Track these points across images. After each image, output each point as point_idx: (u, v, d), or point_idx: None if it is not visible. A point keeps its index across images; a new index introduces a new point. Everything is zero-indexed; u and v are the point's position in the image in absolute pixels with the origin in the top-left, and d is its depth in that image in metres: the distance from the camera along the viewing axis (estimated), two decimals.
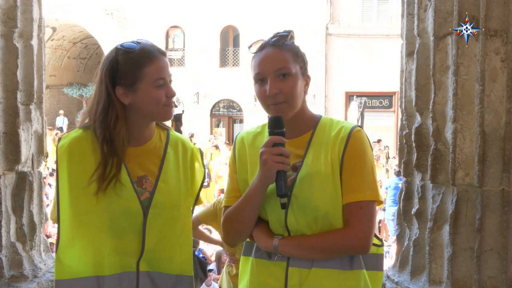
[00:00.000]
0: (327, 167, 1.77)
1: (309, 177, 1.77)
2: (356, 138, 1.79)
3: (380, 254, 1.88)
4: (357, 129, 1.82)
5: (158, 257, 1.91)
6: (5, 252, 2.68)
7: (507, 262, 2.47)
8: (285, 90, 1.77)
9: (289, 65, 1.79)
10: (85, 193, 1.85)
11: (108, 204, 1.85)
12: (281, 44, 1.81)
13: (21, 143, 2.71)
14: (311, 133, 1.84)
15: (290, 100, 1.78)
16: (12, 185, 2.75)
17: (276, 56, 1.79)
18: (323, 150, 1.80)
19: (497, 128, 2.45)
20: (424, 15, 2.63)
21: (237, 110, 22.00)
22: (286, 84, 1.78)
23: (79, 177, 1.86)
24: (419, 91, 2.65)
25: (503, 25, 2.43)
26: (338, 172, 1.77)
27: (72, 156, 1.87)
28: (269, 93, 1.77)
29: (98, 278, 1.85)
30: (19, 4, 2.72)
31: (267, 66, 1.79)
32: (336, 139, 1.80)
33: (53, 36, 23.58)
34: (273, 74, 1.78)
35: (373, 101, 20.80)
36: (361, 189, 1.75)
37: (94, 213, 1.85)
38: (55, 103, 24.84)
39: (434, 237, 2.60)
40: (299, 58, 1.84)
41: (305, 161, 1.80)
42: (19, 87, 2.72)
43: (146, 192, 1.90)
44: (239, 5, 20.76)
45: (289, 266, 1.78)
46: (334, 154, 1.78)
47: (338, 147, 1.78)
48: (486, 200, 2.47)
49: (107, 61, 1.90)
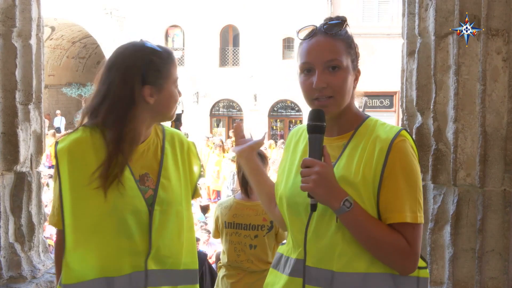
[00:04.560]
0: (357, 175, 1.59)
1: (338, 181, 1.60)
2: (400, 150, 1.58)
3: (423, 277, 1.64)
4: (401, 138, 1.60)
5: (165, 254, 1.90)
6: (4, 252, 2.67)
7: (508, 263, 2.45)
8: (334, 84, 1.61)
9: (341, 57, 1.62)
10: (90, 196, 1.82)
11: (115, 205, 1.82)
12: (334, 33, 1.64)
13: (20, 143, 2.70)
14: (351, 133, 1.67)
15: (338, 95, 1.62)
16: (10, 185, 2.74)
17: (328, 45, 1.62)
18: (358, 155, 1.62)
19: (498, 128, 2.44)
20: (425, 14, 2.62)
21: (237, 110, 21.98)
22: (336, 78, 1.61)
23: (82, 179, 1.82)
24: (420, 90, 2.64)
25: (504, 25, 2.41)
26: (372, 184, 1.57)
27: (72, 159, 1.84)
28: (316, 86, 1.60)
29: (107, 279, 1.83)
30: (17, 3, 2.70)
31: (316, 55, 1.62)
32: (374, 146, 1.61)
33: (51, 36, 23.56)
34: (322, 65, 1.61)
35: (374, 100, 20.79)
36: (413, 209, 1.56)
37: (101, 216, 1.82)
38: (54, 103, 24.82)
39: (435, 238, 2.59)
40: (352, 50, 1.68)
41: (337, 164, 1.64)
42: (17, 86, 2.71)
43: (150, 190, 1.89)
44: (239, 5, 20.75)
45: (305, 284, 1.64)
46: (370, 164, 1.59)
47: (376, 159, 1.58)
48: (487, 200, 2.45)
49: (133, 59, 1.85)
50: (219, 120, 22.62)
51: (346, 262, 1.59)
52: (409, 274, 1.59)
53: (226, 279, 3.68)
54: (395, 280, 1.60)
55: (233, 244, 3.59)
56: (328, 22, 1.66)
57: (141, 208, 1.86)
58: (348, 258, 1.59)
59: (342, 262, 1.59)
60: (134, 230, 1.85)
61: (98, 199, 1.81)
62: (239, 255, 3.58)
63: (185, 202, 1.97)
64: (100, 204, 1.81)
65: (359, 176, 1.59)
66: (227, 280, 3.67)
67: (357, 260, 1.59)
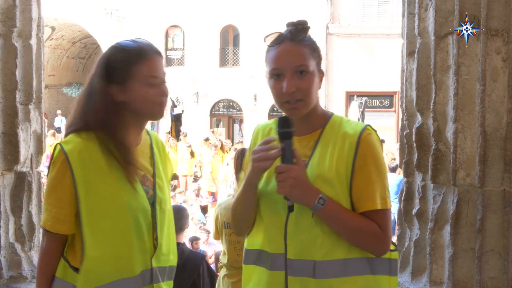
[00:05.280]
0: (331, 170, 1.72)
1: (312, 180, 1.72)
2: (368, 143, 1.72)
3: (394, 259, 1.82)
4: (367, 132, 1.74)
5: (164, 252, 1.94)
6: (4, 252, 2.67)
7: (508, 262, 2.46)
8: (303, 88, 1.71)
9: (307, 61, 1.73)
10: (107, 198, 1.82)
11: (130, 205, 1.84)
12: (300, 39, 1.74)
13: (20, 143, 2.70)
14: (319, 131, 1.79)
15: (307, 98, 1.73)
16: (11, 185, 2.74)
17: (295, 51, 1.73)
18: (329, 151, 1.74)
19: (498, 128, 2.44)
20: (425, 14, 2.62)
21: (237, 110, 21.98)
22: (304, 81, 1.72)
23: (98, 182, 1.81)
24: (420, 91, 2.64)
25: (504, 25, 2.42)
26: (345, 177, 1.71)
27: (84, 162, 1.80)
28: (286, 90, 1.71)
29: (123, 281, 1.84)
30: (18, 3, 2.71)
31: (285, 62, 1.72)
32: (343, 141, 1.73)
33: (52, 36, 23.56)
34: (291, 71, 1.71)
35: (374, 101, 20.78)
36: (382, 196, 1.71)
37: (119, 217, 1.83)
38: (54, 103, 24.81)
39: (435, 238, 2.59)
40: (316, 53, 1.78)
41: (311, 161, 1.76)
42: (18, 86, 2.71)
43: (150, 190, 1.93)
44: (239, 5, 20.75)
45: (288, 276, 1.73)
46: (342, 158, 1.71)
47: (347, 153, 1.71)
48: (487, 200, 2.46)
49: (102, 59, 1.89)
50: (219, 120, 22.61)
51: (326, 251, 1.72)
52: (382, 256, 1.75)
53: (227, 279, 3.68)
54: (371, 263, 1.75)
55: (233, 244, 3.59)
56: (293, 29, 1.75)
57: (147, 208, 1.89)
58: (328, 248, 1.72)
59: (323, 251, 1.72)
60: (144, 229, 1.88)
61: (115, 201, 1.83)
62: (239, 254, 3.58)
63: (169, 200, 2.04)
64: (118, 206, 1.83)
65: (333, 171, 1.71)
66: (228, 280, 3.68)
67: (337, 248, 1.72)
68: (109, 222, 1.82)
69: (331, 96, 20.83)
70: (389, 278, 1.79)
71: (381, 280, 1.77)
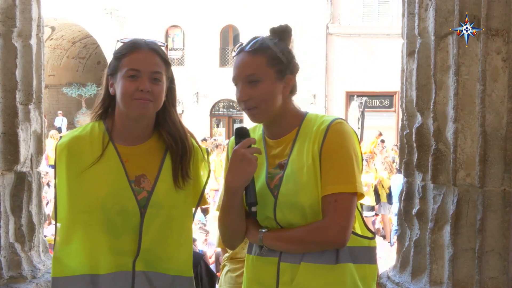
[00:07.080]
0: (308, 162, 1.78)
1: (294, 175, 1.79)
2: (335, 130, 1.78)
3: (372, 247, 1.88)
4: (337, 122, 1.81)
5: (155, 257, 1.89)
6: (4, 252, 2.67)
7: (508, 263, 2.46)
8: (255, 96, 1.80)
9: (260, 71, 1.80)
10: (83, 192, 1.85)
11: (103, 204, 1.84)
12: (254, 49, 1.81)
13: (20, 143, 2.70)
14: (296, 130, 1.86)
15: (262, 105, 1.80)
16: (10, 185, 2.74)
17: (247, 62, 1.82)
18: (306, 145, 1.81)
19: (498, 128, 2.44)
20: (425, 14, 2.62)
21: (237, 110, 21.98)
22: (256, 91, 1.80)
23: (77, 175, 1.85)
24: (420, 91, 2.64)
25: (504, 25, 2.41)
26: (318, 165, 1.77)
27: (70, 155, 1.87)
28: (238, 99, 1.84)
29: (92, 276, 1.85)
30: (18, 3, 2.71)
31: (238, 72, 1.84)
32: (316, 133, 1.80)
33: (52, 36, 23.57)
34: (243, 80, 1.82)
35: (374, 101, 20.80)
36: (336, 181, 1.74)
37: (91, 213, 1.84)
38: (54, 103, 24.83)
39: (435, 238, 2.59)
40: (276, 60, 1.81)
41: (291, 158, 1.83)
42: (18, 86, 2.71)
43: (144, 192, 1.88)
44: (239, 5, 20.76)
45: (280, 262, 1.80)
46: (314, 148, 1.78)
47: (318, 140, 1.78)
48: (487, 200, 2.45)
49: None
50: (219, 120, 22.63)
51: None
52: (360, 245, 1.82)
53: (231, 273, 3.69)
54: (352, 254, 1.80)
55: None
56: (251, 40, 1.85)
57: (131, 209, 1.85)
58: None
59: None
60: (121, 230, 1.85)
61: (89, 196, 1.84)
62: (243, 247, 3.58)
63: (183, 207, 1.96)
64: (91, 202, 1.84)
65: (309, 162, 1.77)
66: (231, 274, 3.68)
67: None
68: (81, 216, 1.85)
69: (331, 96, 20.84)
70: (369, 267, 1.85)
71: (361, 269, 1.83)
